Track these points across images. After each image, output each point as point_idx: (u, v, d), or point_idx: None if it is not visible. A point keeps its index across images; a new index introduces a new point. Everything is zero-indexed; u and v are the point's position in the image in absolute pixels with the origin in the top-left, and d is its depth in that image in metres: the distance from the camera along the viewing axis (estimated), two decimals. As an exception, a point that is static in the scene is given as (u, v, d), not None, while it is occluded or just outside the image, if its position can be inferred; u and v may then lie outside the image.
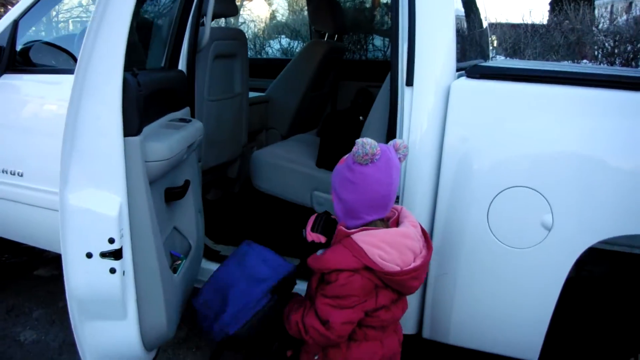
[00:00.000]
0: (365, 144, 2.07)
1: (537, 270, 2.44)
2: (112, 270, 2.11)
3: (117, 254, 2.10)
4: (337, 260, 2.10)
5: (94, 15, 2.03)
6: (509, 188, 2.40)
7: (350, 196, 2.17)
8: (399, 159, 2.22)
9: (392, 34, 2.69)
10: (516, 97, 2.45)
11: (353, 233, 2.12)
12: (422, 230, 2.25)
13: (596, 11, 17.47)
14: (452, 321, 2.67)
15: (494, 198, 2.42)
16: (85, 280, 2.14)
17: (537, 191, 2.35)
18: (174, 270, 2.63)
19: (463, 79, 2.55)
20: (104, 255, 2.09)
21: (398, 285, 2.13)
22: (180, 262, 2.72)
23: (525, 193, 2.37)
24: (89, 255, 2.09)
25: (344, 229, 2.18)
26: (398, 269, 2.06)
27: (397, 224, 2.25)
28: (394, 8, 2.67)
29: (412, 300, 2.71)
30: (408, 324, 2.79)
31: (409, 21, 2.56)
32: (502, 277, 2.51)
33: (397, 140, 2.25)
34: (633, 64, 9.01)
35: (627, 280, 2.94)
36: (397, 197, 2.64)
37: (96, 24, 2.03)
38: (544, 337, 2.51)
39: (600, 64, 9.33)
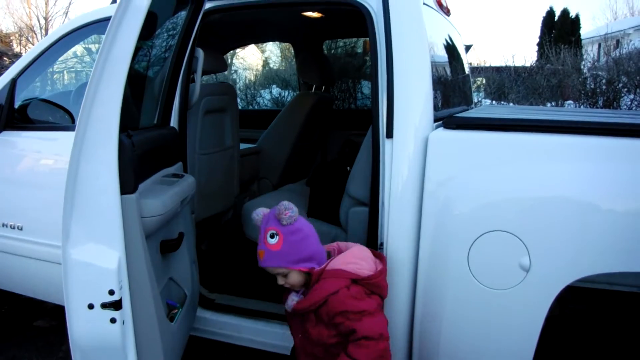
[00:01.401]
0: (287, 208, 2.41)
1: (517, 310, 2.51)
2: (113, 320, 2.21)
3: (117, 305, 2.20)
4: (326, 287, 2.35)
5: (89, 86, 2.16)
6: (487, 232, 2.48)
7: (311, 248, 2.46)
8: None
9: (372, 89, 2.83)
10: (491, 146, 2.57)
11: (325, 267, 2.40)
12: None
13: (586, 49, 17.70)
14: (440, 360, 2.74)
15: (473, 242, 2.50)
16: (88, 329, 2.23)
17: (514, 234, 2.44)
18: (171, 319, 2.71)
19: (440, 130, 2.68)
20: (104, 306, 2.19)
21: (377, 287, 2.45)
22: (176, 311, 2.81)
23: (502, 237, 2.46)
24: (91, 307, 2.19)
25: (316, 270, 2.43)
26: (371, 273, 2.41)
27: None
28: (373, 64, 2.82)
29: (401, 339, 2.81)
30: (397, 362, 2.89)
31: (387, 78, 2.72)
32: (484, 317, 2.58)
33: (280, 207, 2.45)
34: (615, 104, 9.13)
35: (607, 316, 3.02)
36: (382, 244, 2.76)
37: (92, 93, 2.16)
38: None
39: (582, 105, 9.44)
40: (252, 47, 17.61)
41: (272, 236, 2.39)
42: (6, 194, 3.52)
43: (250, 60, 19.28)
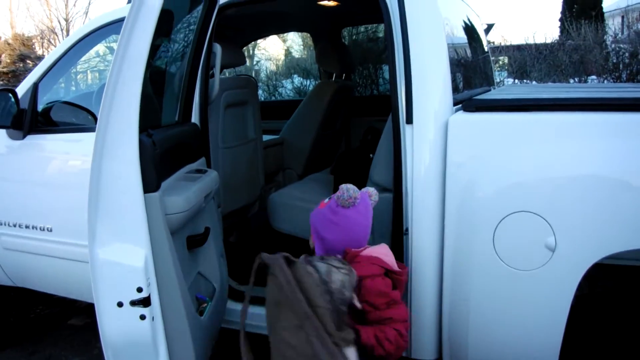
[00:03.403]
0: (349, 188, 2.42)
1: (545, 291, 2.51)
2: (142, 317, 2.24)
3: (145, 302, 2.23)
4: (360, 270, 2.33)
5: (107, 88, 2.19)
6: (511, 214, 2.48)
7: (331, 236, 2.49)
8: (371, 204, 2.52)
9: (390, 76, 2.83)
10: (510, 127, 2.56)
11: (360, 252, 2.44)
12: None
13: (608, 22, 17.50)
14: (470, 344, 2.73)
15: (498, 224, 2.50)
16: (118, 327, 2.27)
17: (539, 215, 2.43)
18: (201, 313, 2.74)
19: (460, 113, 2.68)
20: (133, 303, 2.22)
21: (399, 283, 2.47)
22: (206, 305, 2.84)
23: (527, 217, 2.45)
24: (120, 305, 2.22)
25: (351, 251, 2.45)
26: (399, 270, 2.44)
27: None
28: (389, 51, 2.82)
29: (430, 325, 2.83)
30: (428, 350, 2.89)
31: (404, 64, 2.72)
32: (512, 299, 2.58)
33: (368, 189, 2.55)
34: (638, 77, 8.98)
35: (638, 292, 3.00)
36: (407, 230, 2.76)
37: (110, 95, 2.19)
38: (558, 353, 2.56)
39: (605, 79, 9.33)
40: (273, 37, 17.56)
41: (328, 198, 2.50)
42: (34, 196, 3.58)
43: (272, 50, 19.26)
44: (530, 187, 2.48)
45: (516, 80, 10.32)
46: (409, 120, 2.70)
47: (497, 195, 2.53)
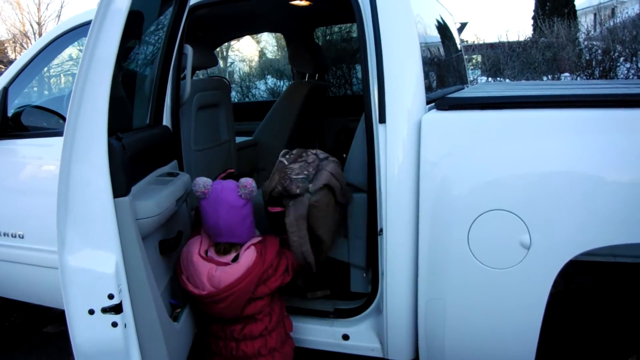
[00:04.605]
0: (195, 183, 2.62)
1: (520, 288, 2.51)
2: (114, 324, 2.20)
3: (117, 309, 2.19)
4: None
5: (74, 92, 2.15)
6: (485, 212, 2.48)
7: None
8: (240, 196, 2.65)
9: (362, 75, 2.82)
10: (483, 125, 2.56)
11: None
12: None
13: (580, 20, 17.66)
14: (446, 344, 2.73)
15: (472, 223, 2.50)
16: (90, 335, 2.22)
17: (513, 213, 2.43)
18: (175, 319, 2.70)
19: (433, 111, 2.66)
20: (105, 310, 2.17)
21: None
22: (180, 310, 2.80)
23: (501, 216, 2.45)
24: (91, 312, 2.18)
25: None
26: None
27: None
28: (362, 50, 2.81)
29: (406, 326, 2.82)
30: (404, 350, 2.88)
31: (376, 64, 2.71)
32: (488, 297, 2.58)
33: (241, 180, 2.66)
34: (611, 73, 9.06)
35: (613, 288, 3.02)
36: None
37: (77, 99, 2.14)
38: (535, 350, 2.56)
39: (578, 77, 9.39)
40: (247, 39, 17.50)
41: None
42: (5, 203, 3.54)
43: (245, 51, 19.21)
44: (504, 186, 2.48)
45: (489, 79, 10.35)
46: (382, 119, 2.69)
47: (471, 194, 2.52)
